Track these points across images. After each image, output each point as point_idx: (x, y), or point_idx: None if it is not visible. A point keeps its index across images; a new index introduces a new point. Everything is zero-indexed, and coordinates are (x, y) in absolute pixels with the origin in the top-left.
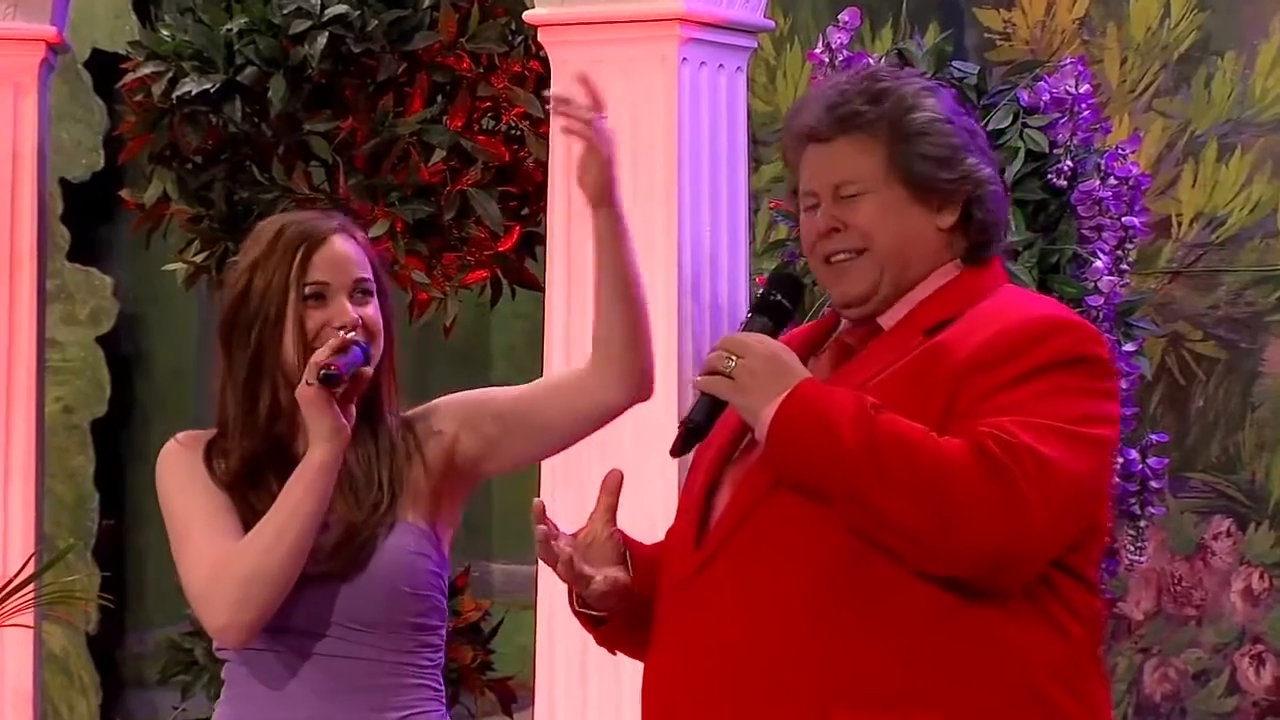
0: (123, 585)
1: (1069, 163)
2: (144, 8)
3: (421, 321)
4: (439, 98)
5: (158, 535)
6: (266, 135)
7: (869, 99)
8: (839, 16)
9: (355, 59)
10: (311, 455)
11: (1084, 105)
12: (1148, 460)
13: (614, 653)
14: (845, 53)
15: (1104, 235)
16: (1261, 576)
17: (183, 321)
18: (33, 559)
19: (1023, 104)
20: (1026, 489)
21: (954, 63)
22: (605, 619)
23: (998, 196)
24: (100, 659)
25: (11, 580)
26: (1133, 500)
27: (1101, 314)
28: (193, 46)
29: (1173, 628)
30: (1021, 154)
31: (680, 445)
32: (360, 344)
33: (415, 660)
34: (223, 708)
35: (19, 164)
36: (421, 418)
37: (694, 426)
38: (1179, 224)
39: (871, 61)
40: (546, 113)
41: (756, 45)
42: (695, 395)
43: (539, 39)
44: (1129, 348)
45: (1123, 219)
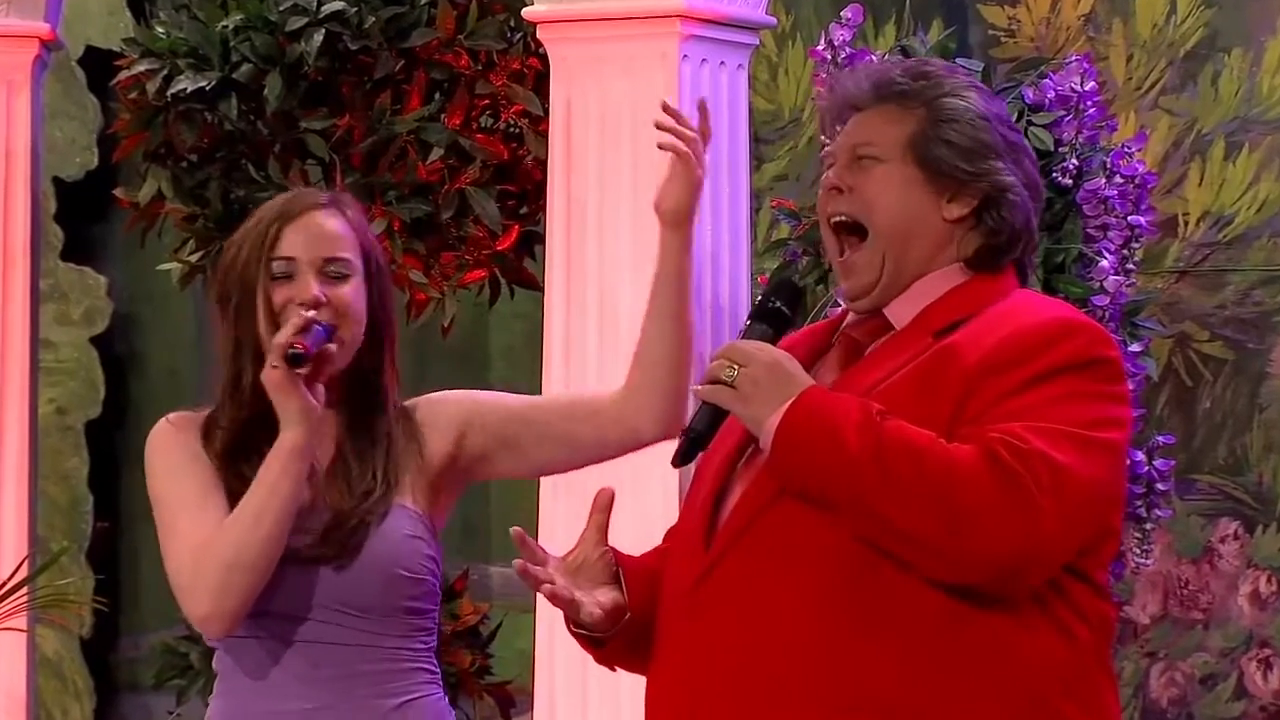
0: (117, 588)
1: (1074, 161)
2: (138, 4)
3: (419, 322)
4: (437, 95)
5: (152, 538)
6: (262, 133)
7: (912, 76)
8: (842, 13)
9: (352, 56)
10: (283, 438)
11: (1089, 103)
12: (1154, 462)
13: (614, 670)
14: (848, 50)
15: (1110, 234)
16: (1269, 580)
17: (178, 321)
18: (26, 562)
19: (1027, 101)
20: (1038, 495)
21: (958, 60)
22: (603, 640)
23: (1019, 207)
24: (94, 663)
25: (5, 584)
26: (1139, 503)
27: (1107, 314)
28: (188, 43)
29: (1179, 631)
30: None
31: (682, 455)
32: (321, 324)
33: (410, 644)
34: (216, 700)
35: (12, 162)
36: (424, 406)
37: (695, 436)
38: (1185, 223)
39: (874, 58)
40: (545, 110)
41: (758, 42)
42: (696, 404)
43: (538, 36)
44: (1135, 348)
45: (1129, 218)
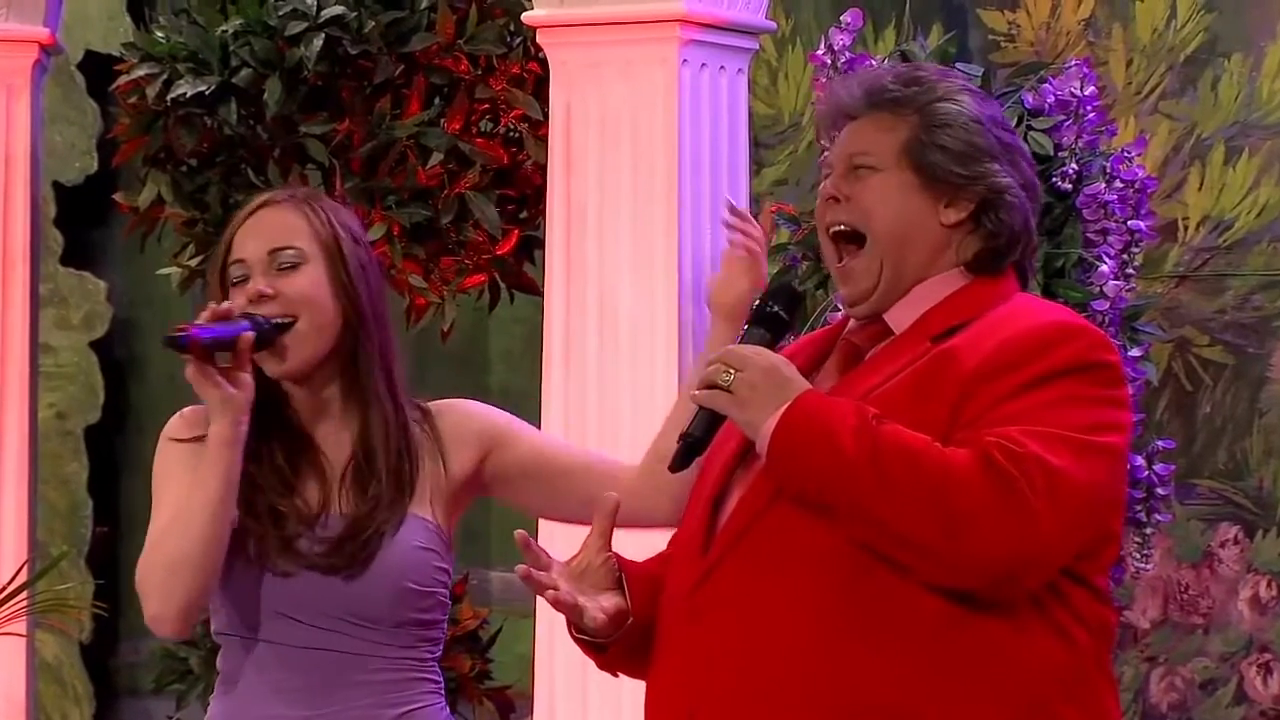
0: (117, 593)
1: (1074, 166)
2: (138, 9)
3: (419, 326)
4: (436, 100)
5: None
6: (262, 138)
7: (904, 82)
8: (841, 18)
9: (352, 61)
10: (210, 431)
11: (1089, 108)
12: (1154, 467)
13: (616, 675)
14: (848, 54)
15: (1109, 239)
16: (1269, 584)
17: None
18: (25, 567)
19: (1027, 106)
20: (1033, 499)
21: (958, 65)
22: (605, 645)
23: (1017, 209)
24: (94, 668)
25: (4, 588)
26: (1139, 507)
27: (1107, 319)
28: (187, 48)
29: (1179, 636)
30: None
31: (679, 460)
32: (256, 317)
33: (415, 654)
34: (218, 700)
35: (11, 167)
36: (449, 415)
37: (692, 441)
38: (1185, 228)
39: (874, 63)
40: (545, 115)
41: (758, 47)
42: (693, 409)
43: (538, 40)
44: (1135, 353)
45: (1128, 223)
